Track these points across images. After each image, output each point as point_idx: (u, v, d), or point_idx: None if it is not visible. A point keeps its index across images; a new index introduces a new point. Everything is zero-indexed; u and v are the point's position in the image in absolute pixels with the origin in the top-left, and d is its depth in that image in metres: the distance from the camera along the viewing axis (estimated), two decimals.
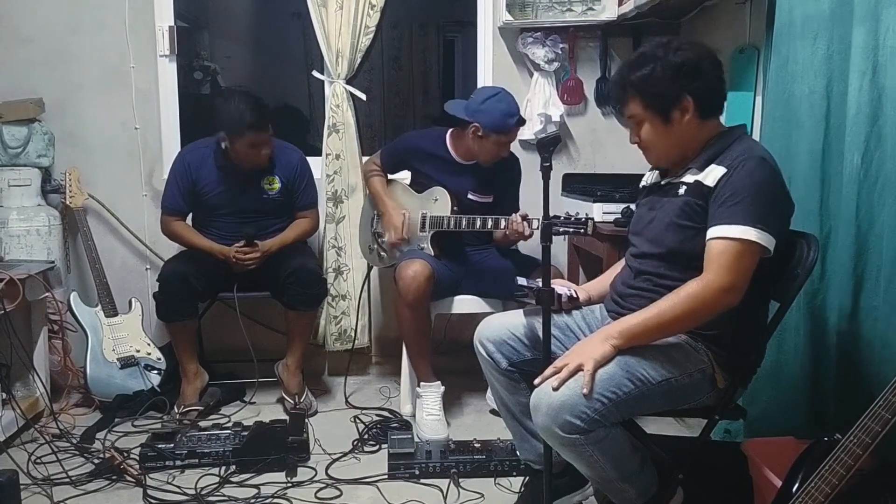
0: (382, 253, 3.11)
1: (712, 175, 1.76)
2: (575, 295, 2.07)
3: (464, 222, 2.85)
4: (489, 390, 2.96)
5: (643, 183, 2.08)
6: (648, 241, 1.91)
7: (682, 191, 1.83)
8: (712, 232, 1.72)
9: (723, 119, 1.90)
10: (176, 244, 3.36)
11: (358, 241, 3.30)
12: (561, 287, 2.06)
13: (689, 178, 1.83)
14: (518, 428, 2.15)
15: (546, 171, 1.83)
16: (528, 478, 2.32)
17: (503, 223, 2.73)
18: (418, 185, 3.06)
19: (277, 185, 3.11)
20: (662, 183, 1.94)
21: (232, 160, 3.01)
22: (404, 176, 3.16)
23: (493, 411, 2.98)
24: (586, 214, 2.30)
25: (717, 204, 1.73)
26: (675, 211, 1.82)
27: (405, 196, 3.08)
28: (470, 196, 2.97)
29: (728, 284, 1.68)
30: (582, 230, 2.25)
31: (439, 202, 2.96)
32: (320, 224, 3.40)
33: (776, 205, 1.74)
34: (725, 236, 1.69)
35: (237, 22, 4.05)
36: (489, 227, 2.80)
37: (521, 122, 2.88)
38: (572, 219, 2.26)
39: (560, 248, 3.37)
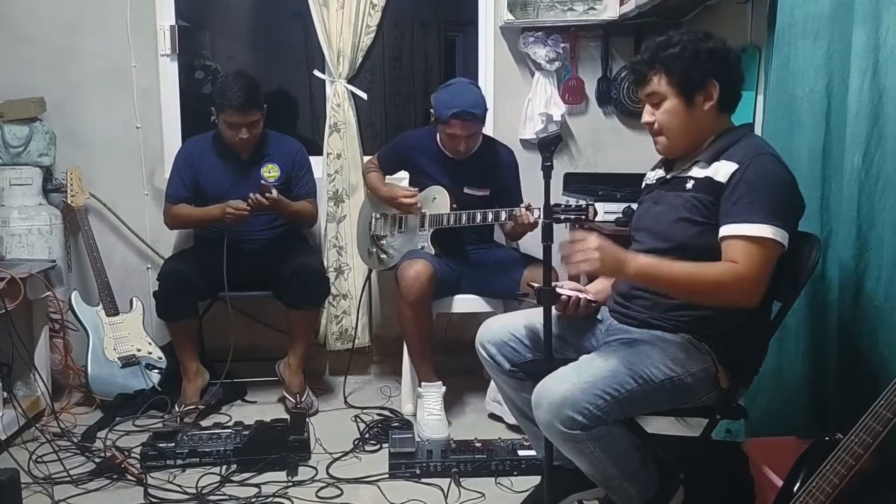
0: (382, 256, 3.11)
1: (723, 171, 1.76)
2: (591, 298, 2.03)
3: (463, 218, 2.85)
4: (488, 395, 2.96)
5: (646, 181, 2.07)
6: (654, 235, 1.90)
7: (689, 185, 1.83)
8: (729, 229, 1.72)
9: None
10: (176, 244, 3.38)
11: (357, 245, 3.31)
12: (572, 291, 2.02)
13: (696, 172, 1.83)
14: (529, 425, 2.13)
15: (547, 171, 1.82)
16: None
17: (503, 215, 2.73)
18: (417, 184, 3.06)
19: (277, 174, 3.11)
20: (668, 177, 1.93)
21: (227, 143, 3.02)
22: (403, 177, 3.16)
23: (491, 416, 2.97)
24: (587, 202, 2.27)
25: (732, 201, 1.73)
26: (685, 205, 1.81)
27: None
28: (466, 190, 2.97)
29: (754, 285, 1.69)
30: (583, 216, 2.22)
31: (438, 200, 2.96)
32: (322, 224, 3.40)
33: (790, 200, 1.74)
34: (745, 235, 1.69)
35: (238, 21, 4.04)
36: (489, 220, 2.79)
37: (468, 115, 2.77)
38: (573, 206, 2.24)
39: None
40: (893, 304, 1.78)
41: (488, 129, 3.43)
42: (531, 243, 2.98)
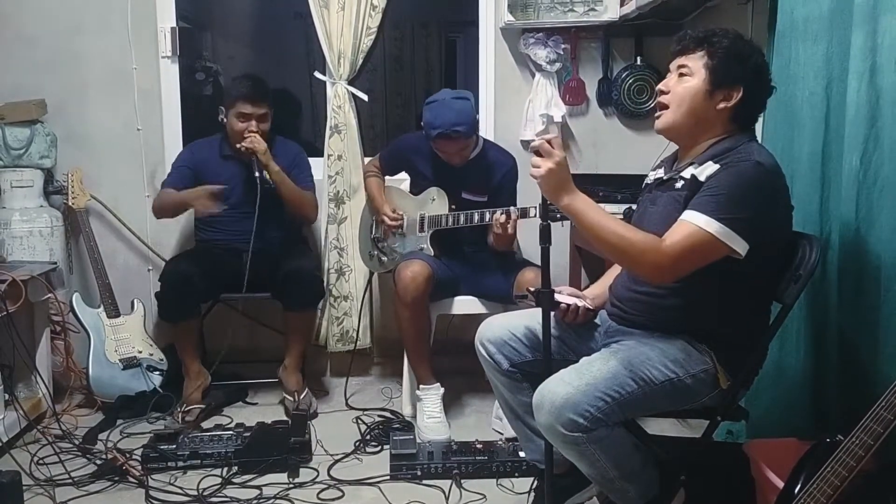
0: (383, 258, 3.11)
1: (707, 171, 1.78)
2: (590, 306, 2.04)
3: (461, 218, 2.86)
4: (494, 412, 2.91)
5: (646, 181, 2.08)
6: None
7: (679, 185, 1.84)
8: (683, 215, 1.74)
9: None
10: (177, 245, 3.38)
11: (358, 248, 3.31)
12: (570, 298, 2.02)
13: (688, 172, 1.83)
14: (522, 427, 2.15)
15: None
16: (535, 480, 2.31)
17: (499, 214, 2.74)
18: (417, 186, 3.07)
19: None
20: (665, 178, 1.94)
21: (232, 146, 3.05)
22: (404, 178, 3.17)
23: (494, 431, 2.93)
24: None
25: (700, 195, 1.75)
26: (675, 205, 1.82)
27: (402, 199, 3.09)
28: (464, 195, 2.97)
29: (669, 265, 1.70)
30: None
31: (436, 202, 2.96)
32: (323, 225, 3.41)
33: (752, 210, 1.71)
34: (691, 221, 1.70)
35: (239, 23, 4.05)
36: (487, 220, 2.79)
37: (454, 133, 2.77)
38: None
39: (562, 249, 3.36)
40: (892, 305, 1.78)
41: (489, 132, 3.44)
42: (531, 245, 2.97)
